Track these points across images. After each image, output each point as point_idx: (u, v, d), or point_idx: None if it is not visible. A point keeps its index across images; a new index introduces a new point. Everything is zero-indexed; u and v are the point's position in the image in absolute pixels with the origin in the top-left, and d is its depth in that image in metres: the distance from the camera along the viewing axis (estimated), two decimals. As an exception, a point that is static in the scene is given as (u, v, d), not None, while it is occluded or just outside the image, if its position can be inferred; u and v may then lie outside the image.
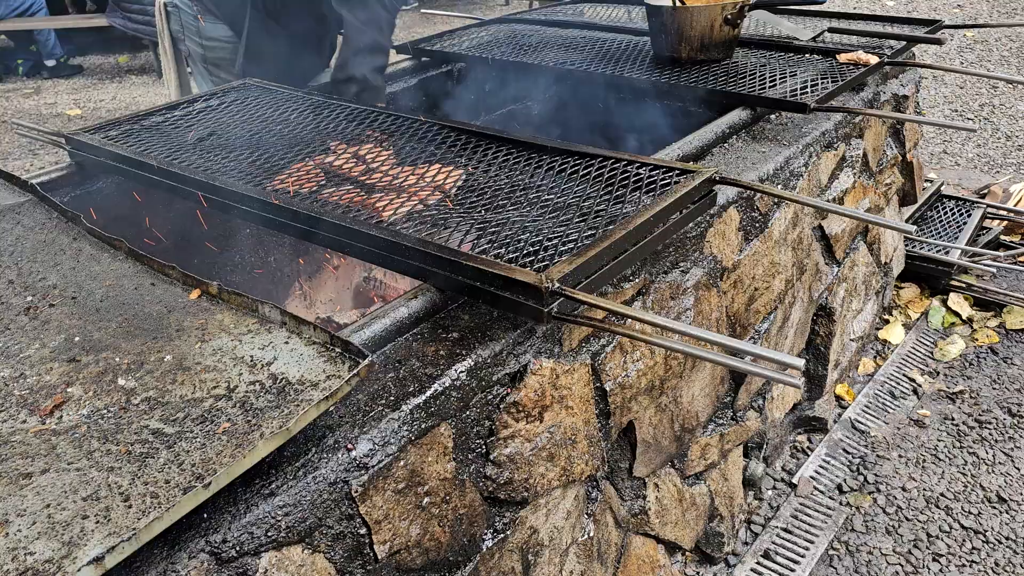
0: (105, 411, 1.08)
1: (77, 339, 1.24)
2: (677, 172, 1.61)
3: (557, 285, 1.23)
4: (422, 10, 4.19)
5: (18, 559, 0.86)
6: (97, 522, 0.90)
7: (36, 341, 1.24)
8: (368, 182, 1.70)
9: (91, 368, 1.17)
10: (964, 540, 2.32)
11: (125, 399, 1.10)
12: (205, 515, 1.02)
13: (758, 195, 1.96)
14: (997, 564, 2.24)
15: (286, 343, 1.16)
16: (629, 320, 1.52)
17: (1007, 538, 2.32)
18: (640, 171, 1.64)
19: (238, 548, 1.01)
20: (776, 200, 2.06)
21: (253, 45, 2.58)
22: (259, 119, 2.07)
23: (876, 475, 2.56)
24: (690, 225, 1.71)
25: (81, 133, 1.99)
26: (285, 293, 2.46)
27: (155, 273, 1.37)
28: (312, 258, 2.55)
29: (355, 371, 1.06)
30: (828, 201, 2.32)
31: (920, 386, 2.95)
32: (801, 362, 1.06)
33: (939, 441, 2.69)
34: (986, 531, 2.34)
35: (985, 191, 4.08)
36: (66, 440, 1.04)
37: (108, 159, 1.87)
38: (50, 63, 7.52)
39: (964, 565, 2.25)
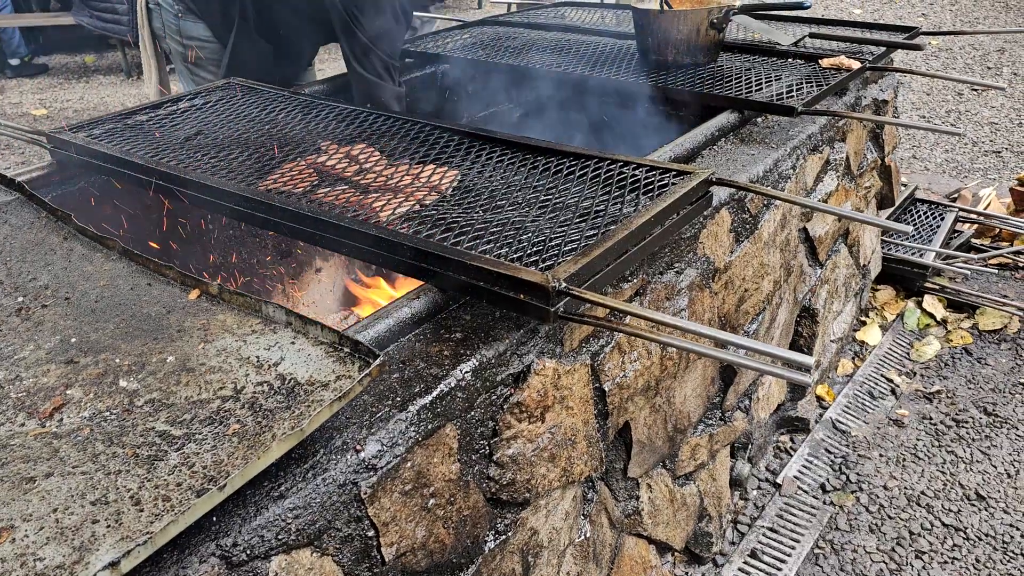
0: (108, 413, 1.06)
1: (74, 340, 1.21)
2: (674, 173, 1.62)
3: (564, 285, 1.23)
4: (403, 11, 4.15)
5: (27, 565, 0.84)
6: (108, 526, 0.88)
7: (30, 343, 1.21)
8: (362, 182, 1.69)
9: (90, 370, 1.14)
10: (945, 537, 2.36)
11: (128, 401, 1.07)
12: (214, 518, 1.00)
13: (749, 197, 1.98)
14: (978, 560, 2.28)
15: (292, 343, 1.15)
16: (629, 319, 1.53)
17: (987, 535, 2.36)
18: (636, 172, 1.65)
19: (248, 552, 0.99)
20: (766, 202, 2.08)
21: (238, 53, 2.56)
22: (246, 118, 2.04)
23: (858, 474, 2.59)
24: (685, 226, 1.72)
25: (64, 131, 1.94)
26: (267, 296, 2.43)
27: (151, 273, 1.34)
28: (294, 260, 2.53)
29: (367, 371, 1.04)
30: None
31: (898, 386, 3.00)
32: (812, 360, 1.07)
33: (918, 440, 2.73)
34: (966, 528, 2.39)
35: (955, 195, 4.17)
36: (68, 443, 1.01)
37: (93, 158, 1.84)
38: (14, 62, 7.37)
39: (946, 562, 2.28)
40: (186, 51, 2.64)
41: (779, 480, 2.56)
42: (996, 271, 3.61)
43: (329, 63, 6.72)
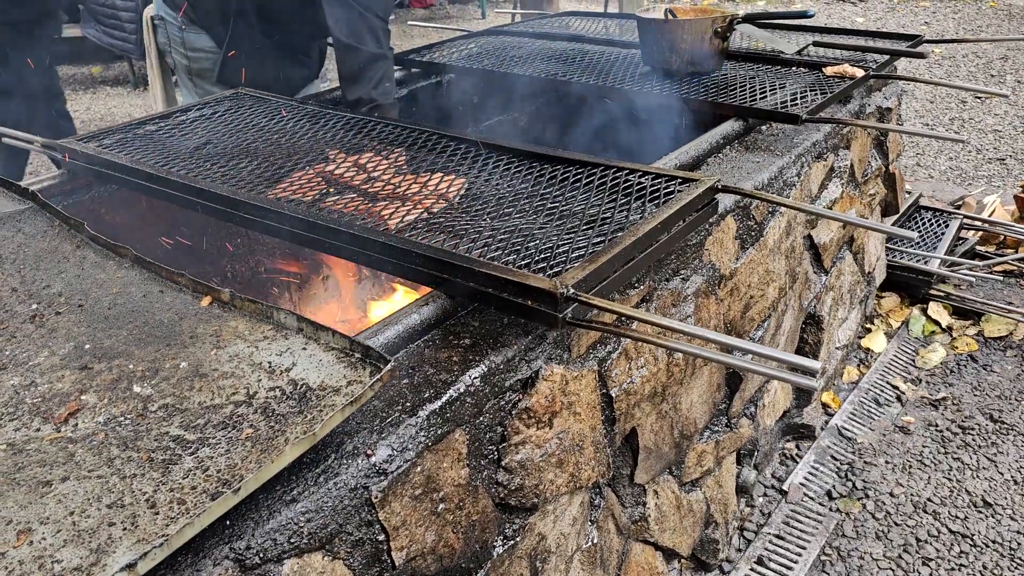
0: (122, 418, 1.07)
1: (87, 347, 1.22)
2: (679, 181, 1.63)
3: (572, 291, 1.24)
4: (409, 22, 4.20)
5: (45, 567, 0.85)
6: (124, 529, 0.89)
7: (45, 349, 1.22)
8: (371, 191, 1.70)
9: (104, 375, 1.15)
10: (952, 544, 2.36)
11: (142, 406, 1.09)
12: (228, 522, 1.01)
13: (754, 204, 1.99)
14: (985, 567, 2.28)
15: (304, 349, 1.16)
16: (636, 325, 1.54)
17: (993, 541, 2.36)
18: (642, 180, 1.66)
19: (261, 555, 1.00)
20: (771, 209, 2.09)
21: (235, 54, 2.56)
22: (255, 128, 2.06)
23: (864, 481, 2.59)
24: (691, 233, 1.73)
25: (74, 141, 1.97)
26: (277, 302, 2.45)
27: (163, 280, 1.36)
28: (302, 268, 2.54)
29: (378, 376, 1.06)
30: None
31: (904, 393, 3.00)
32: (818, 364, 1.08)
33: (924, 447, 2.73)
34: (973, 535, 2.38)
35: (960, 203, 4.17)
36: (84, 448, 1.02)
37: (103, 167, 1.86)
38: (22, 73, 7.41)
39: (953, 569, 2.28)
40: (190, 63, 2.66)
41: (785, 487, 2.56)
42: (1001, 278, 3.61)
43: (334, 71, 6.75)
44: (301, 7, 2.52)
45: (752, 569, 2.29)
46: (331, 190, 1.71)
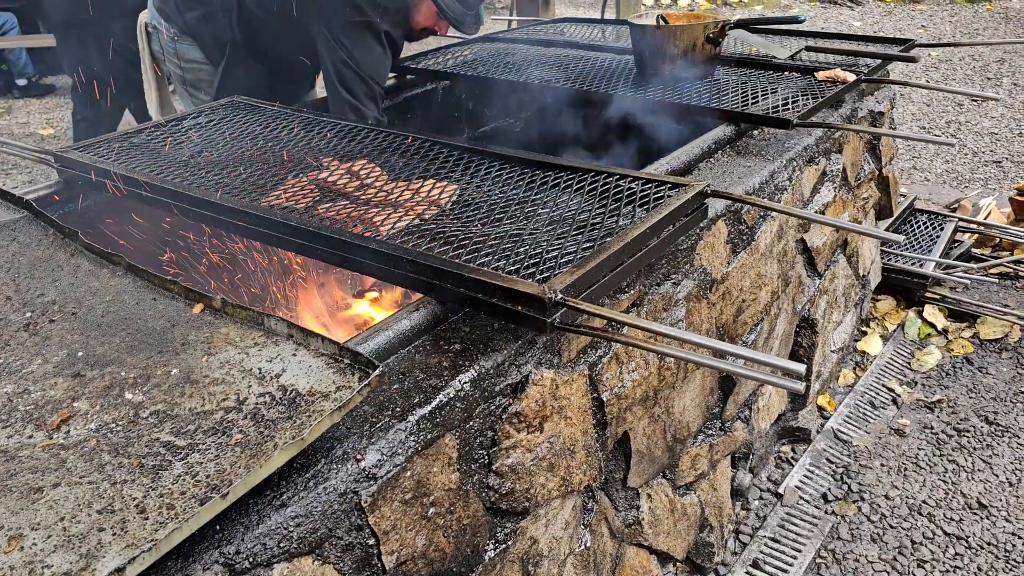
0: (114, 425, 1.08)
1: (80, 354, 1.23)
2: (669, 186, 1.65)
3: (560, 296, 1.25)
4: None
5: (35, 572, 0.86)
6: (114, 534, 0.90)
7: (38, 357, 1.24)
8: (363, 197, 1.71)
9: (96, 383, 1.17)
10: (947, 546, 2.36)
11: (133, 413, 1.10)
12: (218, 527, 1.02)
13: (745, 208, 2.00)
14: (980, 569, 2.29)
15: (294, 355, 1.17)
16: (627, 329, 1.55)
17: (988, 543, 2.37)
18: (632, 185, 1.67)
19: (251, 559, 1.01)
20: (762, 213, 2.10)
21: (230, 76, 2.59)
22: (249, 136, 2.08)
23: (860, 484, 2.60)
24: (681, 238, 1.75)
25: (70, 150, 1.98)
26: (269, 309, 2.46)
27: (156, 288, 1.37)
28: (295, 277, 2.55)
29: (366, 381, 1.07)
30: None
31: (899, 396, 3.01)
32: (803, 367, 1.09)
33: (919, 450, 2.74)
34: (968, 537, 2.39)
35: (955, 205, 4.18)
36: (75, 454, 1.03)
37: (99, 176, 1.87)
38: (21, 82, 7.43)
39: (948, 571, 2.29)
40: (184, 73, 2.68)
41: (781, 490, 2.57)
42: (996, 280, 3.62)
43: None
44: (297, 41, 2.55)
45: (747, 572, 2.29)
46: (324, 197, 1.72)
